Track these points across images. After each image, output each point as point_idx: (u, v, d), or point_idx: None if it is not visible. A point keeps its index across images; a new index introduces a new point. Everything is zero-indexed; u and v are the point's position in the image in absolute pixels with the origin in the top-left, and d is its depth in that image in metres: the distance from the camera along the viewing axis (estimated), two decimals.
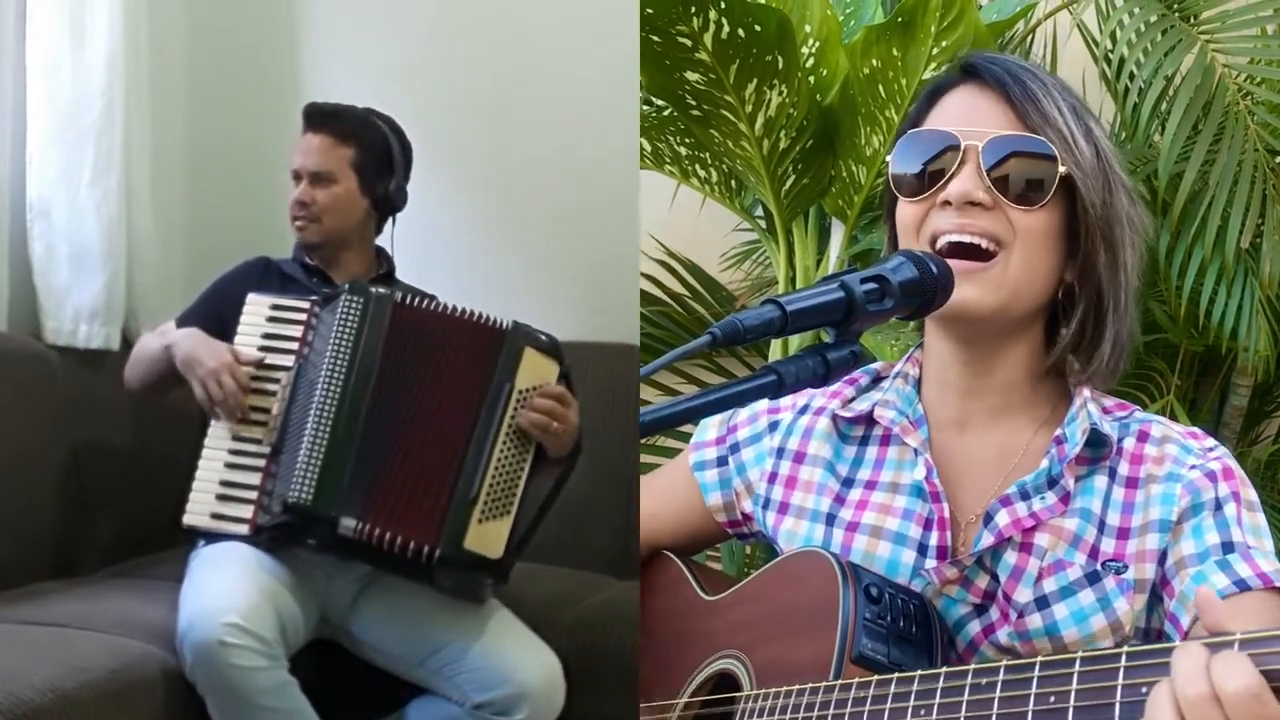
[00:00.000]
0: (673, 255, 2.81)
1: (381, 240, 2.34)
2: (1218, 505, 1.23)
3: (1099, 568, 1.24)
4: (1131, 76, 2.26)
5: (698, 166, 2.33)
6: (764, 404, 1.44)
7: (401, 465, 2.03)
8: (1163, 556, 1.23)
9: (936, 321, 1.31)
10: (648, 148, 2.28)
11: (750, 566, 2.36)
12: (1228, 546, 1.21)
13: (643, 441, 2.33)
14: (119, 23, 2.54)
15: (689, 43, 1.94)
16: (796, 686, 1.19)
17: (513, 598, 2.13)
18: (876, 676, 1.13)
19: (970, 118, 1.28)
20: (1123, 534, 1.25)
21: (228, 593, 1.89)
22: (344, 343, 2.06)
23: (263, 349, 2.10)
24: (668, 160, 2.31)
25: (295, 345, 2.10)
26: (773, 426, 1.45)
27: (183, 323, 2.17)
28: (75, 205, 2.51)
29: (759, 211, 2.43)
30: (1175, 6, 2.27)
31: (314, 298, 2.14)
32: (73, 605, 2.06)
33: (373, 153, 2.27)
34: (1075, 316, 1.29)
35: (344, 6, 2.91)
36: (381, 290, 2.12)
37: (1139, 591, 1.23)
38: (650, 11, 1.90)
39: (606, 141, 2.55)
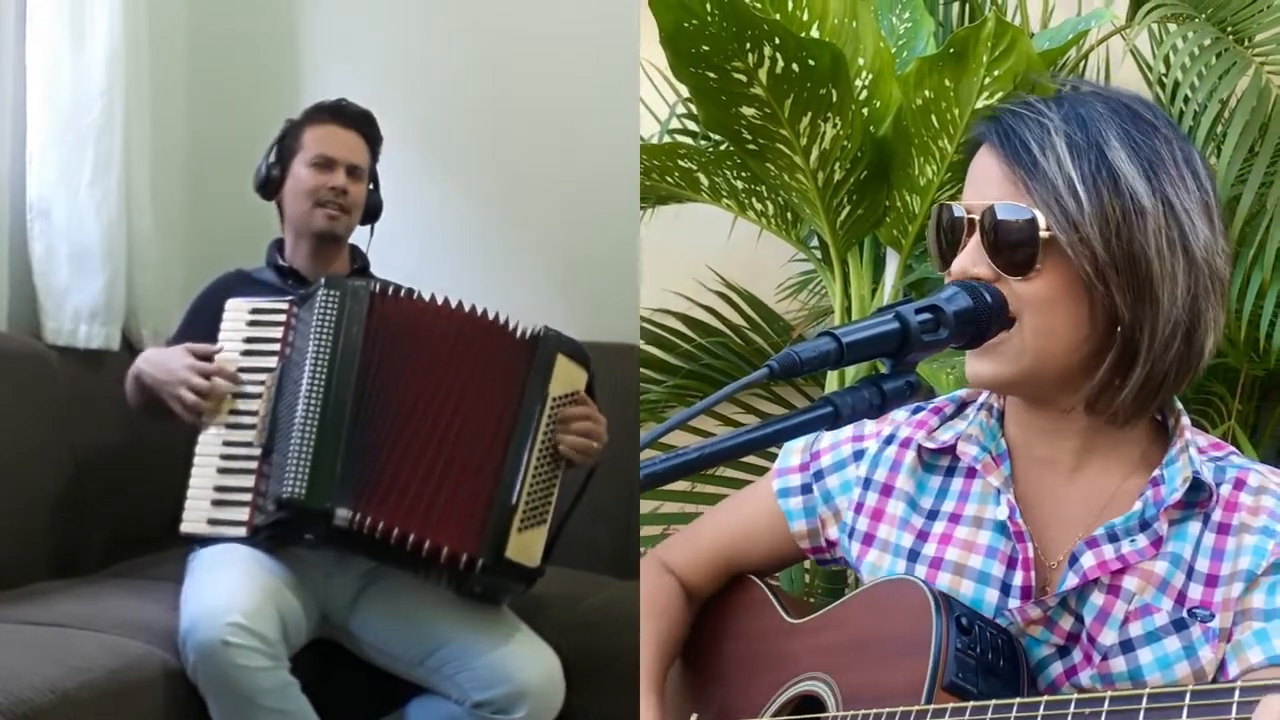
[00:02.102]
0: (731, 286, 2.83)
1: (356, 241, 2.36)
2: None
3: (1185, 615, 1.21)
4: (1186, 100, 2.23)
5: (754, 199, 2.34)
6: (847, 431, 1.43)
7: (410, 461, 2.03)
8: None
9: None
10: (705, 182, 2.30)
11: (810, 597, 2.37)
12: None
13: (709, 473, 2.35)
14: (119, 23, 2.54)
15: (744, 79, 1.95)
16: (886, 710, 1.19)
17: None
18: (971, 703, 1.12)
19: (979, 186, 1.24)
20: (1211, 581, 1.21)
21: (230, 592, 1.88)
22: (324, 337, 2.05)
23: (246, 353, 2.11)
24: (724, 194, 2.33)
25: (277, 346, 2.10)
26: (858, 455, 1.43)
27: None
28: (75, 205, 2.50)
29: (815, 242, 2.44)
30: (1229, 29, 2.25)
31: (291, 298, 2.15)
32: (73, 605, 2.05)
33: (375, 162, 2.33)
34: (1138, 365, 1.20)
35: (344, 6, 2.91)
36: (357, 282, 2.13)
37: (1223, 640, 1.20)
38: (706, 49, 1.91)
39: (606, 142, 2.55)
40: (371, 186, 2.33)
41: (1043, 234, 1.19)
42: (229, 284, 2.24)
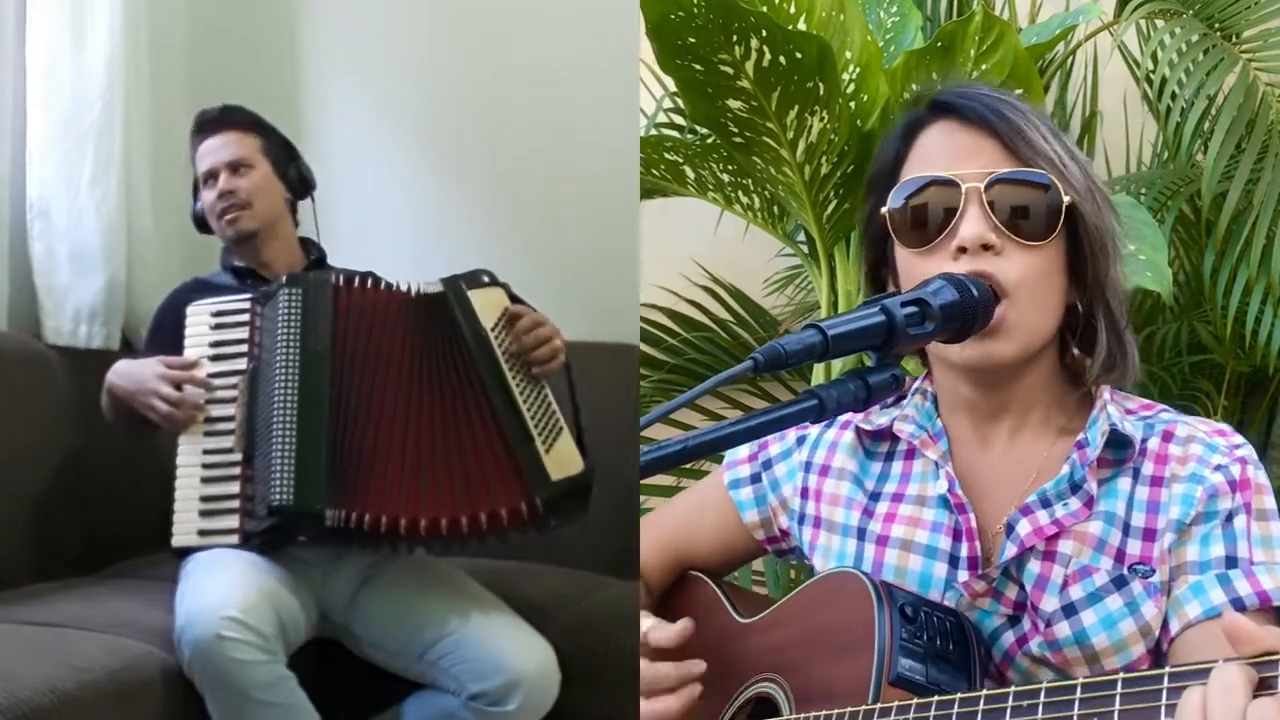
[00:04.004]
0: (717, 281, 2.84)
1: (306, 230, 2.36)
2: (1229, 517, 1.22)
3: (1125, 571, 1.22)
4: (1174, 96, 2.25)
5: (740, 193, 2.34)
6: None
7: (400, 450, 2.03)
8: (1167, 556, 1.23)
9: (948, 365, 1.30)
10: (691, 175, 2.30)
11: (795, 586, 2.37)
12: (1231, 561, 1.20)
13: (689, 466, 2.34)
14: (119, 23, 2.54)
15: (731, 71, 1.95)
16: (835, 711, 1.19)
17: (513, 598, 2.13)
18: (916, 699, 1.13)
19: (961, 157, 1.25)
20: (1148, 535, 1.23)
21: (225, 590, 1.88)
22: (292, 335, 2.06)
23: (214, 358, 2.10)
24: (710, 187, 2.33)
25: (245, 348, 2.10)
26: (800, 440, 1.45)
27: None
28: (75, 205, 2.50)
29: (801, 237, 2.45)
30: (1216, 26, 2.27)
31: (252, 295, 2.15)
32: (73, 605, 2.05)
33: (275, 138, 2.31)
34: (1101, 335, 1.27)
35: (344, 7, 2.91)
36: (319, 274, 2.14)
37: (1165, 594, 1.22)
38: (693, 41, 1.91)
39: (606, 141, 2.55)
40: (290, 159, 2.31)
41: (1066, 199, 1.22)
42: (187, 292, 2.24)
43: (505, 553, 2.23)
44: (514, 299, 2.16)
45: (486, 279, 2.14)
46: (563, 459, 2.05)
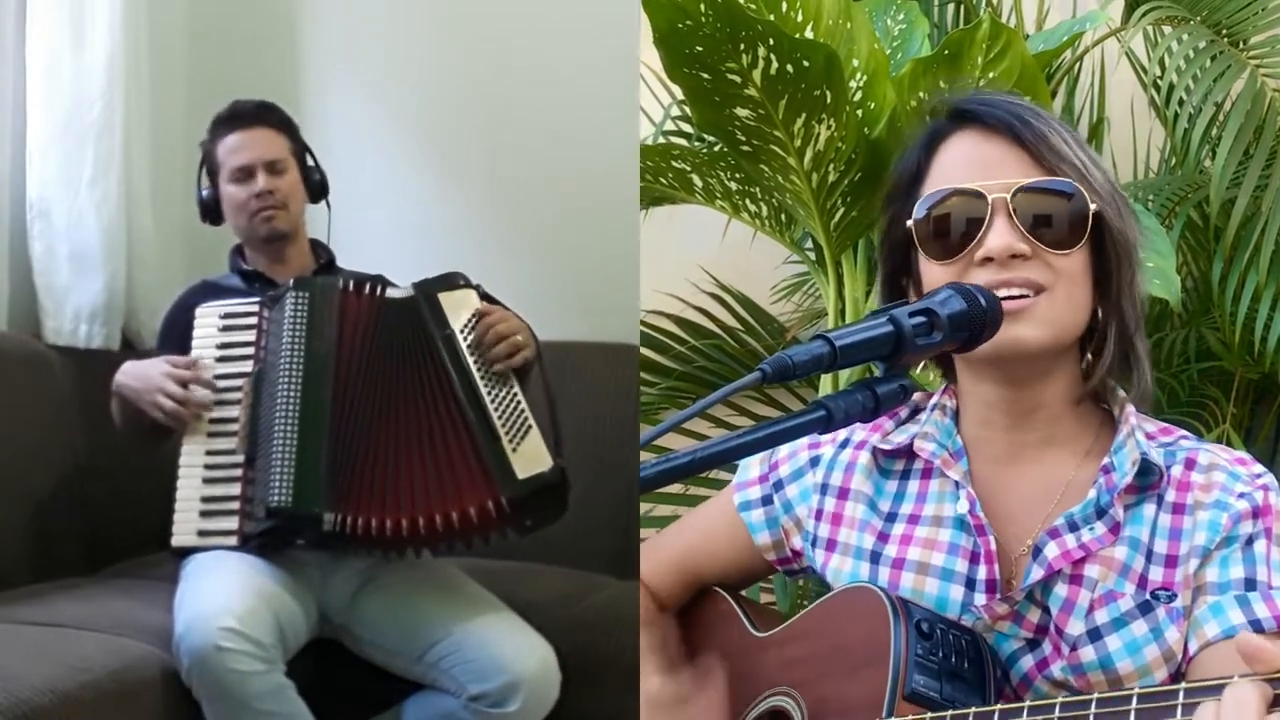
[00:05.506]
0: (724, 288, 2.84)
1: (317, 233, 2.37)
2: (1250, 541, 1.22)
3: (1149, 597, 1.22)
4: (1181, 103, 2.25)
5: (748, 201, 2.33)
6: (804, 439, 1.43)
7: (395, 453, 2.04)
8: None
9: (976, 365, 1.30)
10: (699, 183, 2.30)
11: (804, 599, 2.37)
12: (1250, 584, 1.21)
13: (702, 476, 2.35)
14: (119, 23, 2.54)
15: (738, 79, 1.95)
16: None
17: (513, 598, 2.13)
18: (930, 714, 1.13)
19: (985, 168, 1.26)
20: (1170, 562, 1.23)
21: (223, 597, 1.88)
22: (297, 338, 2.07)
23: (221, 359, 2.11)
24: (718, 195, 2.32)
25: (251, 350, 2.11)
26: (814, 461, 1.43)
27: None
28: (75, 205, 2.51)
29: (809, 244, 2.45)
30: (1224, 32, 2.26)
31: (259, 299, 2.15)
32: (73, 605, 2.06)
33: (300, 142, 2.32)
34: (1109, 341, 1.27)
35: (344, 7, 2.91)
36: (326, 279, 2.15)
37: (1187, 617, 1.22)
38: (700, 49, 1.91)
39: (606, 142, 2.55)
40: (311, 163, 2.32)
41: (1092, 207, 1.23)
42: (196, 295, 2.25)
43: (505, 553, 2.24)
44: (486, 299, 2.16)
45: (461, 281, 2.14)
46: (530, 457, 2.04)
